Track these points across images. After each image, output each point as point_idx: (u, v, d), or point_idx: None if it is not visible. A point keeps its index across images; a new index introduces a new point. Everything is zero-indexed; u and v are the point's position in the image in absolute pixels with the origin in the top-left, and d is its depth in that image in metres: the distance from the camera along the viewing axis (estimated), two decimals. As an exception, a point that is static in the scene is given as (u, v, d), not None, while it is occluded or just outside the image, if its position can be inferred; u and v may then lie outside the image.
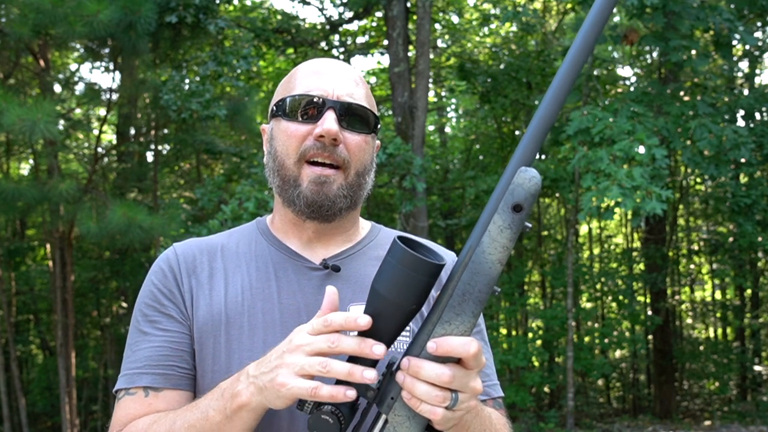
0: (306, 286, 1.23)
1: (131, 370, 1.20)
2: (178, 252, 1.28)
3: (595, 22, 0.96)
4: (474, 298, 0.96)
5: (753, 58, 10.47)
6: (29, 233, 12.02)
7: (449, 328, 0.96)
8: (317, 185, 1.19)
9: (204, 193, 7.68)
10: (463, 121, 14.47)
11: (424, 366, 0.95)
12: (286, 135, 1.22)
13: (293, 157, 1.21)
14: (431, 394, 0.94)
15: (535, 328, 11.02)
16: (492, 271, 0.96)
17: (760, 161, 7.91)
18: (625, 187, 6.03)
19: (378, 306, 0.98)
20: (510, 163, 0.97)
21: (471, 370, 0.97)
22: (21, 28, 6.23)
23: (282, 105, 1.24)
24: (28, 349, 12.67)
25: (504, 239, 0.95)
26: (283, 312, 1.21)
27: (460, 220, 12.07)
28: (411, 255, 0.95)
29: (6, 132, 6.76)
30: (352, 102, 1.22)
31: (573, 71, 0.96)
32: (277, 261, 1.26)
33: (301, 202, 1.20)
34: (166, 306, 1.22)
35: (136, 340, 1.23)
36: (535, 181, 0.94)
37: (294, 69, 1.31)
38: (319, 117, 1.20)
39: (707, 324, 15.06)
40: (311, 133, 1.20)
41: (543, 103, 0.97)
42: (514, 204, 0.95)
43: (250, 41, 8.37)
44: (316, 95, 1.21)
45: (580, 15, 9.29)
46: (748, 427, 9.64)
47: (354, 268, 1.26)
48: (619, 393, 14.15)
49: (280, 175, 1.23)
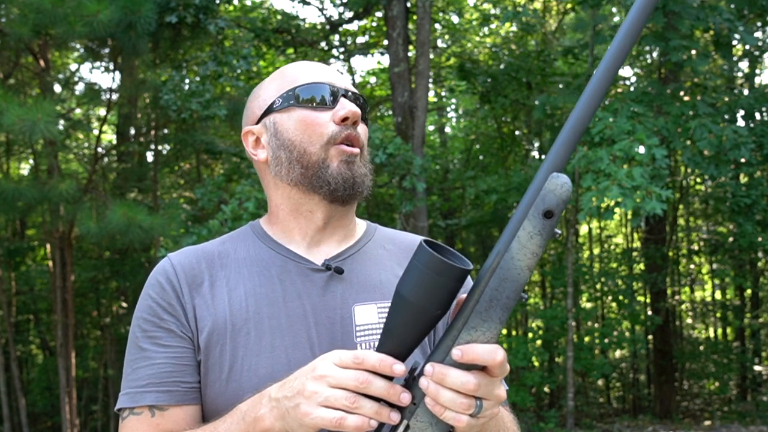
0: (310, 289, 1.22)
1: (134, 389, 1.18)
2: (175, 262, 1.24)
3: (634, 26, 0.95)
4: (502, 305, 0.95)
5: (753, 58, 10.47)
6: (29, 233, 12.02)
7: (475, 335, 0.95)
8: (348, 164, 1.21)
9: (204, 193, 7.68)
10: (463, 121, 14.48)
11: (449, 373, 0.94)
12: (304, 124, 1.22)
13: (317, 142, 1.21)
14: (456, 402, 0.93)
15: (535, 328, 11.02)
16: (521, 278, 0.94)
17: (760, 161, 7.91)
18: (625, 187, 6.03)
19: (403, 310, 0.97)
20: (541, 168, 0.95)
21: (495, 378, 0.97)
22: (21, 28, 6.23)
23: (292, 95, 1.24)
24: (28, 349, 12.67)
25: (534, 246, 0.94)
26: (290, 315, 1.19)
27: (460, 220, 12.08)
28: (438, 259, 0.94)
29: (6, 132, 6.76)
30: (356, 92, 1.27)
31: (608, 76, 0.95)
32: (279, 264, 1.24)
33: (338, 180, 1.20)
34: (166, 320, 1.19)
35: (135, 357, 1.20)
36: (566, 187, 0.93)
37: (277, 71, 1.31)
38: (334, 103, 1.23)
39: (707, 324, 15.06)
40: (332, 119, 1.22)
41: (576, 108, 0.95)
42: (545, 210, 0.93)
43: (250, 41, 8.38)
44: (329, 83, 1.24)
45: (580, 15, 9.29)
46: (748, 427, 9.63)
47: (356, 269, 1.26)
48: (619, 393, 14.16)
49: (301, 163, 1.21)
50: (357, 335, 1.20)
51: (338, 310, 1.21)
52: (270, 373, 1.14)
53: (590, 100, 0.95)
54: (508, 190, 9.18)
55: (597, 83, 0.95)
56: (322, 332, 1.19)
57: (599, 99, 0.95)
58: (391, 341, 0.98)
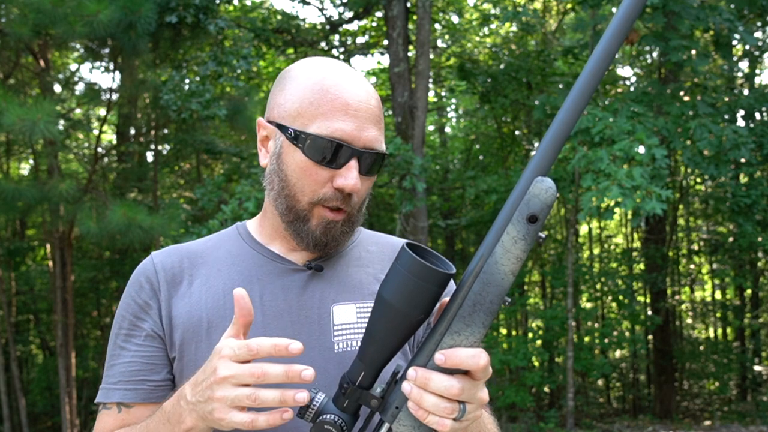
0: (289, 287, 1.22)
1: (107, 385, 1.23)
2: (156, 261, 1.26)
3: (619, 30, 0.94)
4: (485, 309, 0.94)
5: (753, 58, 10.47)
6: (29, 233, 12.02)
7: (458, 339, 0.95)
8: (325, 228, 1.18)
9: (204, 193, 7.68)
10: (463, 121, 14.48)
11: (432, 377, 0.94)
12: (303, 173, 1.16)
13: (308, 197, 1.17)
14: (440, 406, 0.93)
15: (535, 328, 11.01)
16: (504, 282, 0.94)
17: (760, 161, 7.91)
18: (625, 187, 6.03)
19: (384, 314, 0.96)
20: (525, 171, 0.95)
21: (478, 381, 0.97)
22: (21, 28, 6.23)
23: (302, 138, 1.15)
24: (28, 349, 12.67)
25: (518, 250, 0.93)
26: (266, 314, 1.20)
27: (460, 220, 12.07)
28: (421, 263, 0.93)
29: (6, 132, 6.75)
30: (377, 151, 1.18)
31: (594, 79, 0.94)
32: (259, 264, 1.25)
33: (309, 240, 1.19)
34: (141, 318, 1.22)
35: (112, 353, 1.24)
36: (551, 192, 0.92)
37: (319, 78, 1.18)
38: (342, 163, 1.15)
39: (707, 324, 15.06)
40: (330, 179, 1.16)
41: (561, 111, 0.94)
42: (529, 215, 0.93)
43: (250, 41, 8.37)
44: (345, 143, 1.14)
45: (580, 15, 9.29)
46: (748, 427, 9.63)
47: (337, 269, 1.26)
48: (619, 393, 14.16)
49: (287, 204, 1.20)
50: (335, 334, 1.20)
51: (316, 309, 1.21)
52: None
53: (575, 103, 0.94)
54: (508, 190, 9.17)
55: (582, 86, 0.94)
56: (300, 330, 1.19)
57: (584, 102, 0.94)
58: (373, 345, 0.98)
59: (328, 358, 1.18)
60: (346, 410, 1.01)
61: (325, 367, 1.16)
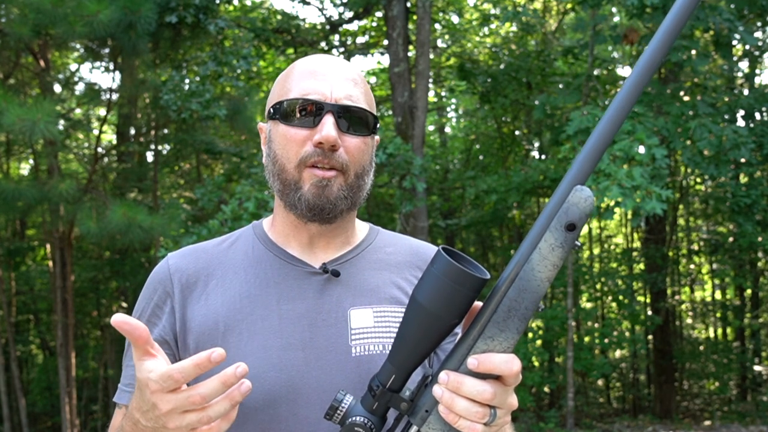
0: (306, 291, 1.22)
1: (121, 386, 1.25)
2: (171, 263, 1.27)
3: (664, 41, 0.92)
4: (520, 315, 0.94)
5: (753, 58, 10.47)
6: (29, 233, 12.02)
7: (492, 344, 0.95)
8: (318, 188, 1.18)
9: (204, 193, 7.68)
10: (463, 121, 14.48)
11: (465, 381, 0.93)
12: (285, 139, 1.19)
13: (293, 161, 1.19)
14: (471, 410, 0.93)
15: (535, 328, 11.01)
16: (540, 289, 0.94)
17: (760, 161, 7.91)
18: (625, 187, 6.03)
19: (418, 317, 0.96)
20: (564, 179, 0.94)
21: (509, 387, 0.97)
22: (21, 28, 6.23)
23: (279, 108, 1.21)
24: (28, 349, 12.67)
25: (555, 258, 0.94)
26: (282, 317, 1.20)
27: (460, 220, 12.08)
28: (457, 268, 0.93)
29: (6, 132, 6.76)
30: (351, 104, 1.19)
31: (636, 90, 0.93)
32: (276, 266, 1.25)
33: (303, 206, 1.19)
34: (152, 323, 1.23)
35: (126, 354, 1.26)
36: (590, 201, 0.92)
37: (290, 66, 1.28)
38: (317, 121, 1.17)
39: (707, 324, 15.06)
40: (310, 138, 1.18)
41: (602, 121, 0.93)
42: (568, 223, 0.93)
43: (250, 41, 8.37)
44: (314, 98, 1.18)
45: (580, 15, 9.29)
46: (748, 427, 9.63)
47: (353, 273, 1.26)
48: (619, 393, 14.16)
49: (280, 179, 1.21)
50: (352, 338, 1.20)
51: (333, 313, 1.21)
52: (260, 374, 1.15)
53: (616, 114, 0.93)
54: (508, 190, 9.17)
55: (624, 97, 0.93)
56: (317, 334, 1.19)
57: (625, 113, 0.93)
58: (405, 348, 0.98)
59: (345, 361, 1.18)
60: (375, 413, 1.00)
61: (342, 371, 1.17)
